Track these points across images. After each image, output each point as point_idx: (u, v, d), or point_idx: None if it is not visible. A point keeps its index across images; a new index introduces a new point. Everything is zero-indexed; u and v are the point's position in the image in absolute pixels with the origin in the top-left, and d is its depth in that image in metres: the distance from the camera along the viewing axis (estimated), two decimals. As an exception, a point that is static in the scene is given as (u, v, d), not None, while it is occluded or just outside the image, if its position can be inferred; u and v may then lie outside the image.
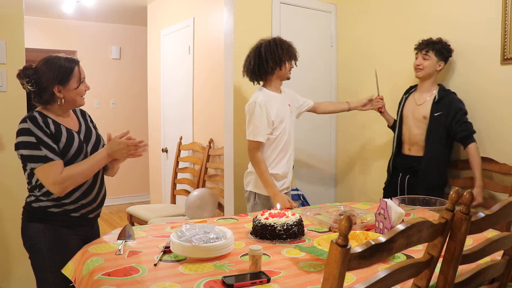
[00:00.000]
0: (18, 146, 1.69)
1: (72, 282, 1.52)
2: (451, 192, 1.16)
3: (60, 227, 1.76)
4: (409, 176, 2.74)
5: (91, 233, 1.89)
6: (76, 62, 1.79)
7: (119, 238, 1.67)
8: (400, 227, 1.00)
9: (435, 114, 2.61)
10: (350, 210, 2.06)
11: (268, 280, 1.31)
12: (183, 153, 3.97)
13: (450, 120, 2.57)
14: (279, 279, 1.33)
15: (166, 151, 4.38)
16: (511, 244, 1.41)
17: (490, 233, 1.71)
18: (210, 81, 3.57)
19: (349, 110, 2.87)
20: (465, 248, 1.22)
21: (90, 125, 1.95)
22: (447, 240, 1.17)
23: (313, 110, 2.77)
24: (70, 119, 1.85)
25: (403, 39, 3.11)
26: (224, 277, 1.30)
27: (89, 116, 2.00)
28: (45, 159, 1.65)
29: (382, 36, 3.21)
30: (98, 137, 1.93)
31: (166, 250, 1.53)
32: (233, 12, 3.20)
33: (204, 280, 1.31)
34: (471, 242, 1.59)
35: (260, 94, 2.45)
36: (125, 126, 5.74)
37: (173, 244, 1.50)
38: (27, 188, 1.79)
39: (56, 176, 1.66)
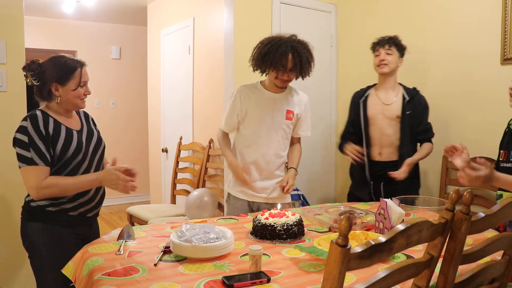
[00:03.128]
0: (14, 142, 1.71)
1: (72, 282, 1.53)
2: (451, 192, 1.16)
3: (59, 226, 1.77)
4: (383, 183, 2.56)
5: (90, 233, 1.89)
6: (80, 64, 1.80)
7: (119, 238, 1.67)
8: (400, 227, 1.00)
9: (407, 113, 2.54)
10: (350, 210, 2.06)
11: (268, 280, 1.31)
12: (183, 153, 3.97)
13: (419, 122, 2.56)
14: (279, 279, 1.33)
15: (166, 151, 4.39)
16: (511, 244, 1.41)
17: (490, 233, 1.72)
18: (210, 81, 3.57)
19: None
20: (465, 248, 1.22)
21: (93, 127, 1.96)
22: (447, 240, 1.17)
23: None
24: (73, 119, 1.86)
25: (403, 39, 3.11)
26: (224, 277, 1.30)
27: (92, 119, 2.02)
28: (29, 161, 1.65)
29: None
30: (100, 138, 1.94)
31: (166, 250, 1.53)
32: (233, 12, 3.20)
33: (204, 280, 1.31)
34: (471, 242, 1.59)
35: (248, 83, 2.34)
36: (125, 126, 5.76)
37: (173, 244, 1.50)
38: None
39: (35, 181, 1.65)
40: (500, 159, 2.01)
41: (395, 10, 3.19)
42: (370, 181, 2.61)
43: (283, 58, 2.13)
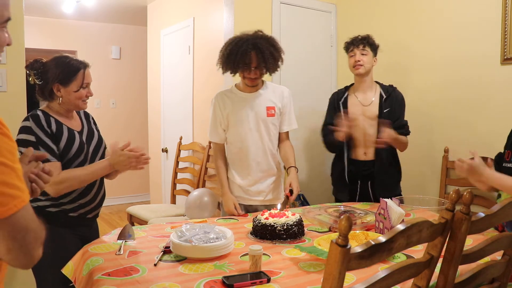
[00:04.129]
0: (18, 144, 1.68)
1: (72, 282, 1.53)
2: (451, 192, 1.16)
3: (58, 227, 1.76)
4: (370, 182, 2.55)
5: (90, 233, 1.89)
6: (84, 65, 1.79)
7: (119, 238, 1.67)
8: (400, 227, 1.00)
9: (385, 111, 2.49)
10: (350, 210, 2.06)
11: (268, 280, 1.31)
12: (183, 153, 3.97)
13: (396, 118, 2.49)
14: (279, 279, 1.33)
15: (166, 151, 4.38)
16: (511, 244, 1.41)
17: (490, 233, 1.72)
18: (210, 81, 3.57)
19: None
20: (465, 248, 1.22)
21: (93, 127, 1.96)
22: (447, 240, 1.17)
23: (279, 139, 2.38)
24: (74, 119, 1.86)
25: (403, 39, 3.12)
26: (224, 277, 1.30)
27: (92, 118, 2.01)
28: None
29: (382, 36, 3.21)
30: (100, 138, 1.94)
31: (166, 250, 1.53)
32: (233, 12, 3.20)
33: (204, 280, 1.31)
34: (471, 242, 1.59)
35: (221, 91, 2.33)
36: (125, 126, 5.76)
37: (173, 244, 1.50)
38: None
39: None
40: (506, 159, 2.01)
41: (395, 10, 3.19)
42: (355, 179, 2.58)
43: (245, 57, 2.10)
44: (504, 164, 1.97)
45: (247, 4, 3.25)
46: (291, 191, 2.14)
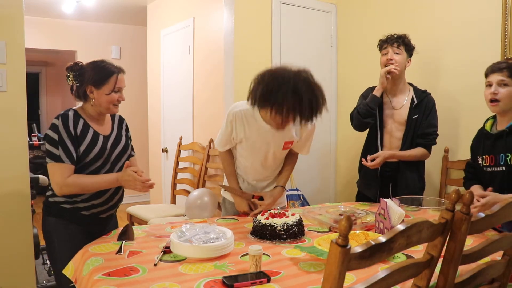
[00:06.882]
0: (44, 138, 1.79)
1: (72, 282, 1.53)
2: (451, 192, 1.16)
3: (72, 223, 1.83)
4: (392, 185, 2.52)
5: (105, 232, 1.87)
6: (118, 70, 1.87)
7: (119, 238, 1.67)
8: (400, 227, 1.00)
9: (413, 117, 2.44)
10: (350, 210, 2.06)
11: (268, 280, 1.31)
12: (183, 153, 3.97)
13: (420, 125, 2.44)
14: (279, 279, 1.33)
15: (166, 151, 4.39)
16: (511, 244, 1.41)
17: (490, 233, 1.72)
18: (210, 81, 3.57)
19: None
20: (465, 248, 1.22)
21: (123, 132, 2.01)
22: (447, 240, 1.17)
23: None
24: (105, 123, 1.92)
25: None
26: (224, 277, 1.30)
27: (126, 125, 2.07)
28: (57, 159, 1.73)
29: (381, 36, 3.21)
30: (127, 145, 1.99)
31: (166, 250, 1.53)
32: (233, 12, 3.20)
33: (204, 280, 1.31)
34: (471, 242, 1.59)
35: (245, 106, 2.00)
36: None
37: (173, 244, 1.50)
38: (48, 182, 1.86)
39: (60, 178, 1.74)
40: (485, 164, 2.02)
41: (395, 10, 3.19)
42: (380, 179, 2.52)
43: (277, 116, 1.84)
44: (489, 169, 2.01)
45: (247, 4, 3.25)
46: (261, 198, 2.10)
